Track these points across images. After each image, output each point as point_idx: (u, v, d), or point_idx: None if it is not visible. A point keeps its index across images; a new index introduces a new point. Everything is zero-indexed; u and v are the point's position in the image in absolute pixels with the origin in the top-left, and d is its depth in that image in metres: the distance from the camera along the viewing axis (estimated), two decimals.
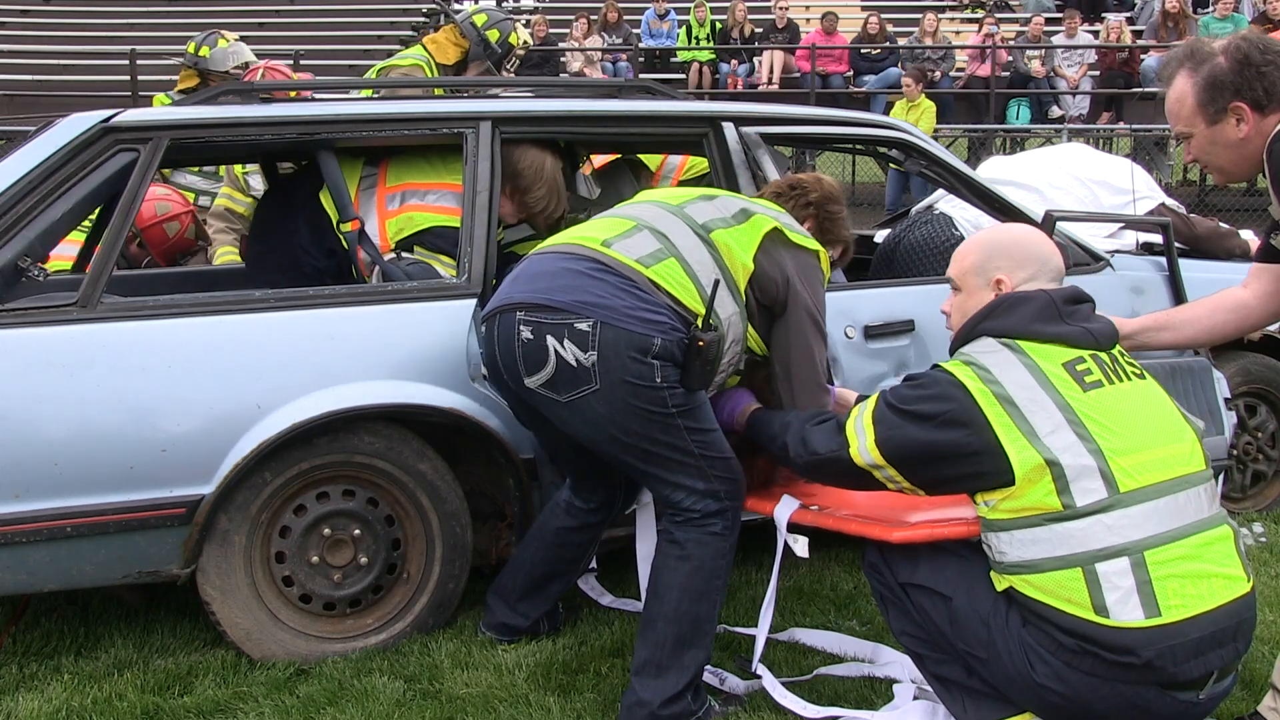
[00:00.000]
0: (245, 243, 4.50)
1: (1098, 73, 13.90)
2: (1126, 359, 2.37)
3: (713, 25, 14.77)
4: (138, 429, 2.74)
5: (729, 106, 3.65)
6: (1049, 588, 2.16)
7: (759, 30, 14.78)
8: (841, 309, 3.29)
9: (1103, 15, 15.23)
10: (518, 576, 3.02)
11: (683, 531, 2.59)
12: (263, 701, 2.73)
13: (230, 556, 2.87)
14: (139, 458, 2.74)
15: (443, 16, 6.49)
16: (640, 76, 13.76)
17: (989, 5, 16.04)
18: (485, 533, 3.27)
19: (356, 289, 3.11)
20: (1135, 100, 13.53)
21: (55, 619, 3.25)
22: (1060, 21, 14.64)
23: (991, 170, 4.97)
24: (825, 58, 14.28)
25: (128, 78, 12.89)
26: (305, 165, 3.79)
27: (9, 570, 2.70)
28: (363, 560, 3.01)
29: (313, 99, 3.92)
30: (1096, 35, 14.43)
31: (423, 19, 16.26)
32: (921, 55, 13.91)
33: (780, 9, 14.67)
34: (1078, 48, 14.04)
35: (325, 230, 3.47)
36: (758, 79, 14.52)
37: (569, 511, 2.96)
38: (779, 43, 14.53)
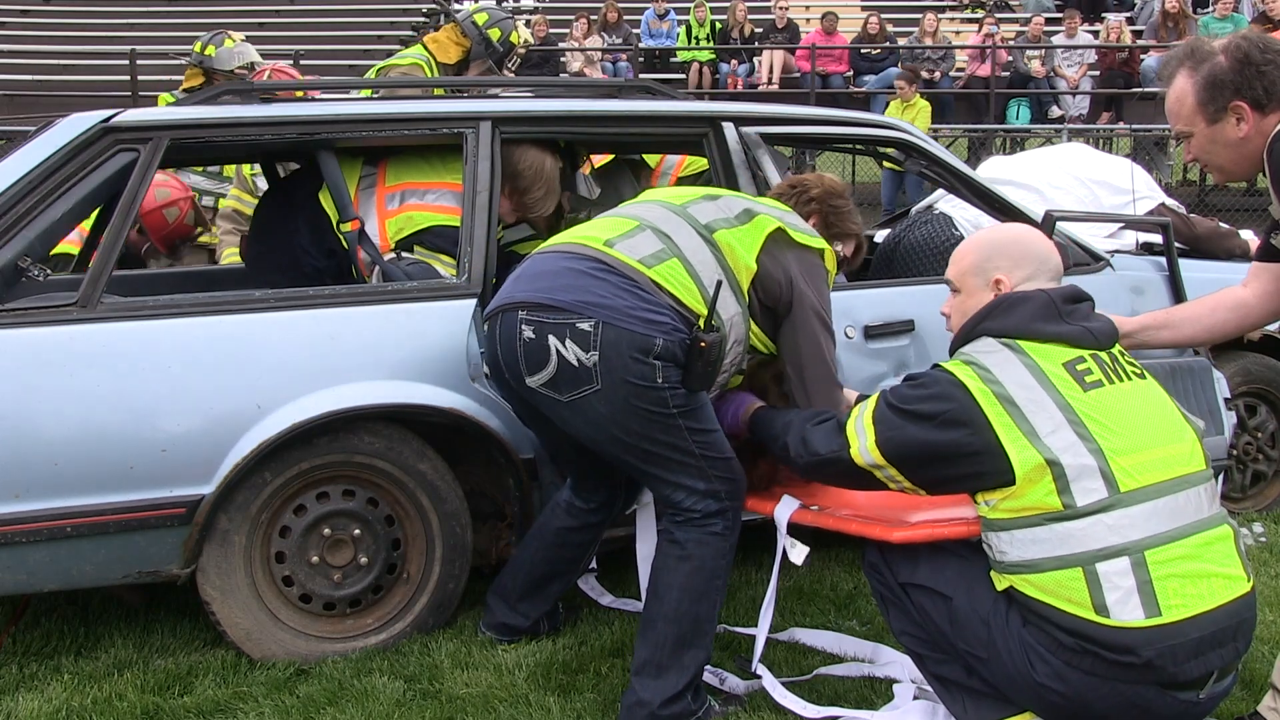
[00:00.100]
0: (245, 243, 4.50)
1: (1098, 73, 13.90)
2: (1127, 358, 2.37)
3: (713, 25, 14.77)
4: (138, 429, 2.74)
5: (729, 106, 3.65)
6: (1049, 587, 2.16)
7: (759, 30, 14.78)
8: (841, 309, 3.28)
9: (1103, 15, 15.24)
10: (518, 576, 3.02)
11: (683, 531, 2.59)
12: (263, 701, 2.73)
13: (230, 556, 2.87)
14: (139, 458, 2.74)
15: (443, 16, 6.49)
16: (640, 76, 13.76)
17: (989, 5, 16.04)
18: (485, 533, 3.27)
19: (356, 289, 3.11)
20: (1135, 100, 13.53)
21: (55, 619, 3.25)
22: (1060, 21, 14.64)
23: (991, 170, 4.96)
24: (825, 58, 14.28)
25: (128, 78, 12.89)
26: (305, 165, 3.78)
27: (9, 570, 2.70)
28: (363, 560, 3.01)
29: (316, 99, 3.91)
30: (1096, 35, 14.43)
31: (423, 19, 16.26)
32: (921, 55, 13.91)
33: (780, 9, 14.67)
34: (1078, 48, 14.04)
35: (325, 230, 3.47)
36: (758, 79, 14.52)
37: (569, 511, 2.96)
38: (779, 43, 14.53)
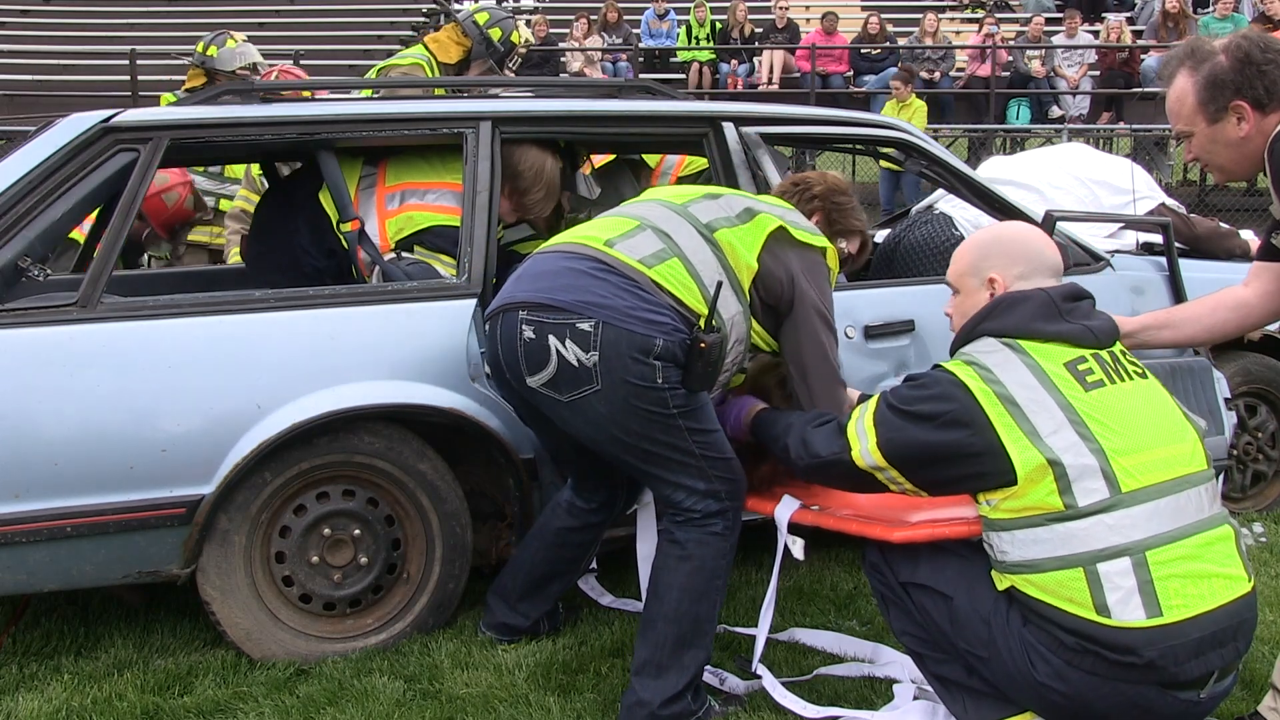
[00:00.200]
0: (245, 243, 4.50)
1: (1098, 73, 13.90)
2: (1128, 358, 2.37)
3: (713, 25, 14.77)
4: (138, 429, 2.74)
5: (729, 106, 3.65)
6: (1050, 587, 2.16)
7: (759, 30, 14.78)
8: (841, 309, 3.26)
9: (1103, 15, 15.23)
10: (518, 576, 3.02)
11: (683, 531, 2.59)
12: (263, 701, 2.73)
13: (230, 556, 2.87)
14: (139, 458, 2.74)
15: (443, 16, 6.49)
16: (640, 76, 13.76)
17: (989, 5, 16.04)
18: (485, 533, 3.27)
19: (356, 289, 3.11)
20: (1135, 100, 13.53)
21: (55, 619, 3.25)
22: (1060, 21, 14.63)
23: (991, 170, 4.96)
24: (825, 58, 14.28)
25: (128, 78, 12.88)
26: (305, 165, 3.78)
27: (9, 570, 2.70)
28: (363, 560, 3.01)
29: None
30: (1096, 35, 14.43)
31: (423, 19, 16.26)
32: (921, 55, 13.91)
33: (780, 9, 14.67)
34: (1078, 48, 14.04)
35: (325, 230, 3.47)
36: (758, 79, 14.52)
37: (570, 511, 2.95)
38: (779, 43, 14.53)
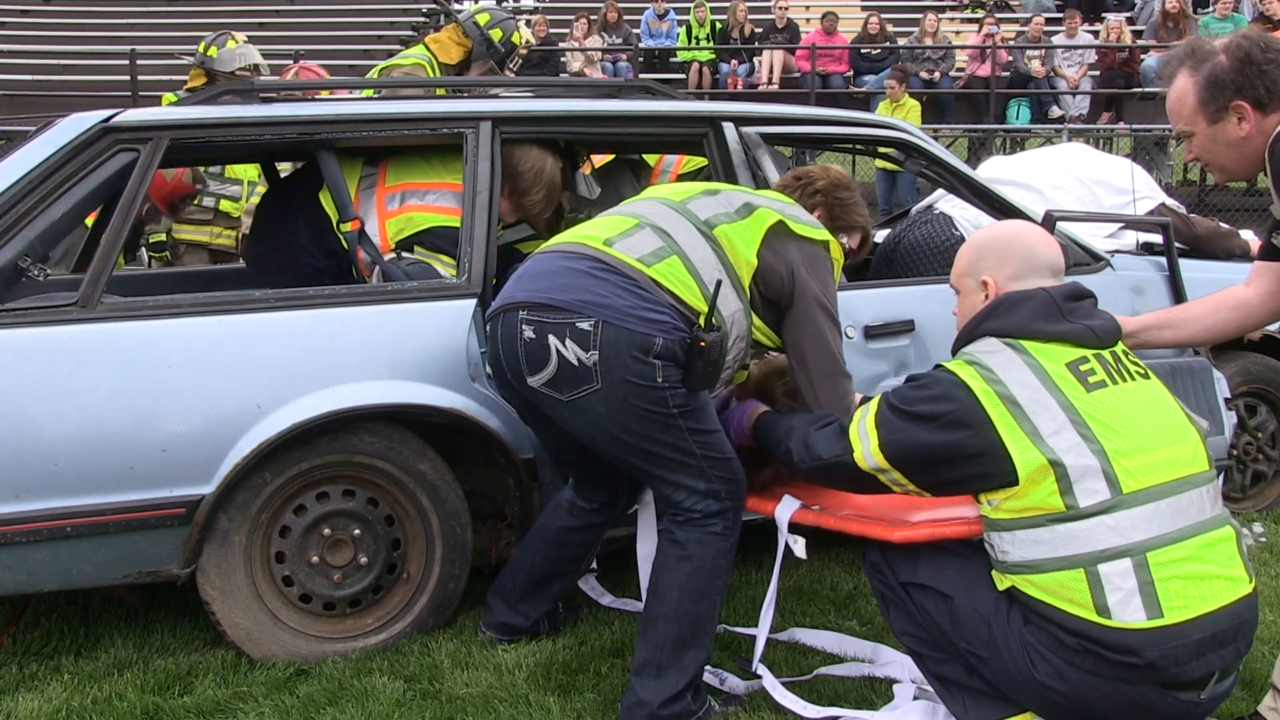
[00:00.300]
0: (245, 243, 4.50)
1: (1098, 73, 13.90)
2: (1131, 358, 2.37)
3: (713, 25, 14.77)
4: (138, 429, 2.74)
5: (729, 106, 3.64)
6: (1051, 588, 2.16)
7: (759, 30, 14.78)
8: (841, 309, 3.23)
9: (1103, 15, 15.23)
10: (518, 576, 3.02)
11: (683, 531, 2.59)
12: (263, 701, 2.72)
13: (230, 556, 2.87)
14: (139, 458, 2.73)
15: (444, 16, 6.49)
16: (640, 76, 13.75)
17: (989, 5, 16.04)
18: (485, 533, 3.27)
19: (356, 289, 3.11)
20: (1135, 100, 13.53)
21: (55, 619, 3.25)
22: (1060, 21, 14.63)
23: (991, 170, 4.96)
24: (825, 58, 14.28)
25: (128, 78, 12.87)
26: (305, 165, 3.78)
27: (9, 570, 2.70)
28: (363, 560, 3.01)
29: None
30: (1096, 35, 14.43)
31: (423, 19, 16.26)
32: (921, 55, 13.91)
33: (780, 9, 14.67)
34: (1078, 48, 14.04)
35: (325, 230, 3.47)
36: (758, 79, 14.52)
37: (572, 511, 2.95)
38: (779, 43, 14.53)
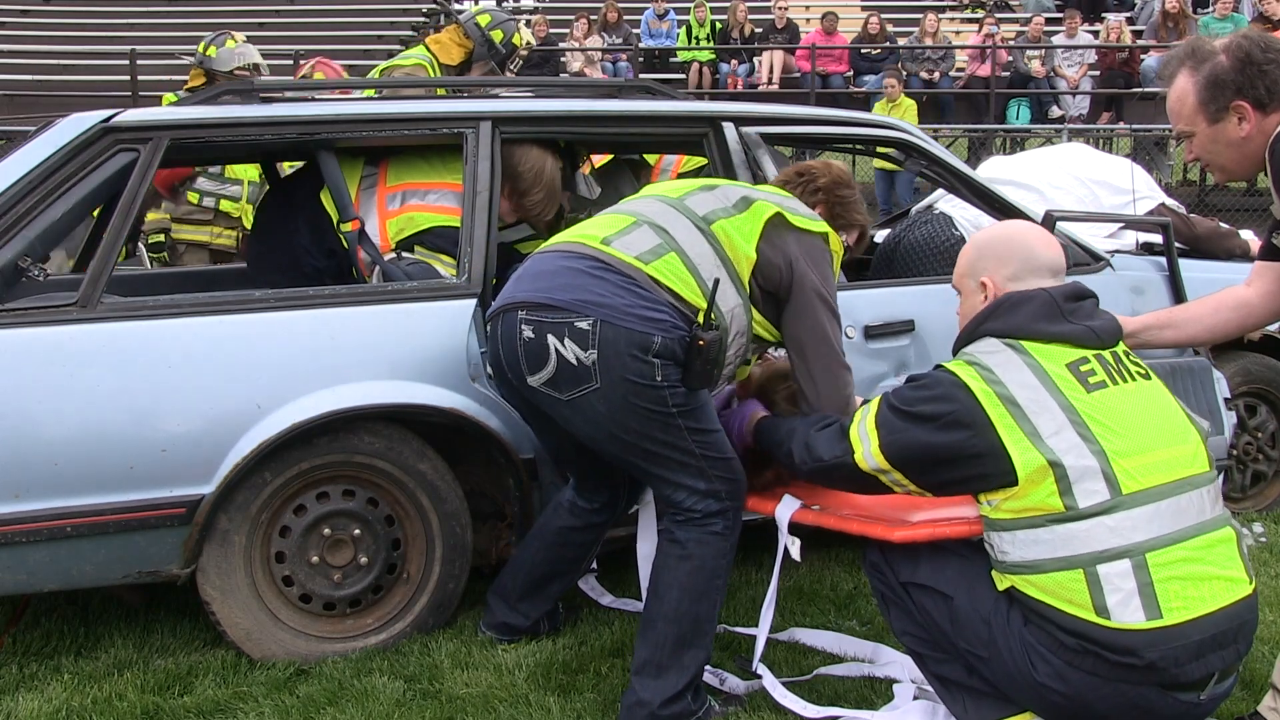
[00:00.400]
0: (245, 242, 4.49)
1: (1098, 73, 13.90)
2: (1132, 358, 2.36)
3: (713, 25, 14.77)
4: (138, 429, 2.74)
5: (729, 106, 3.65)
6: (1050, 588, 2.16)
7: (759, 30, 14.77)
8: (841, 309, 3.25)
9: (1103, 15, 15.23)
10: (518, 576, 3.02)
11: (684, 531, 2.59)
12: (263, 701, 2.72)
13: (230, 556, 2.87)
14: (139, 458, 2.73)
15: (444, 16, 6.49)
16: (640, 76, 13.75)
17: (989, 5, 16.04)
18: (485, 533, 3.27)
19: (356, 289, 3.11)
20: (1135, 100, 13.53)
21: (55, 619, 3.25)
22: (1060, 21, 14.63)
23: (991, 170, 4.96)
24: (825, 58, 14.28)
25: (128, 78, 12.89)
26: (306, 165, 3.78)
27: (9, 570, 2.70)
28: (363, 560, 3.01)
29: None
30: (1096, 35, 14.43)
31: (423, 19, 16.26)
32: (921, 55, 13.91)
33: (780, 9, 14.66)
34: (1078, 48, 14.04)
35: (325, 230, 3.47)
36: (758, 79, 14.51)
37: (572, 511, 2.95)
38: (779, 43, 14.52)
